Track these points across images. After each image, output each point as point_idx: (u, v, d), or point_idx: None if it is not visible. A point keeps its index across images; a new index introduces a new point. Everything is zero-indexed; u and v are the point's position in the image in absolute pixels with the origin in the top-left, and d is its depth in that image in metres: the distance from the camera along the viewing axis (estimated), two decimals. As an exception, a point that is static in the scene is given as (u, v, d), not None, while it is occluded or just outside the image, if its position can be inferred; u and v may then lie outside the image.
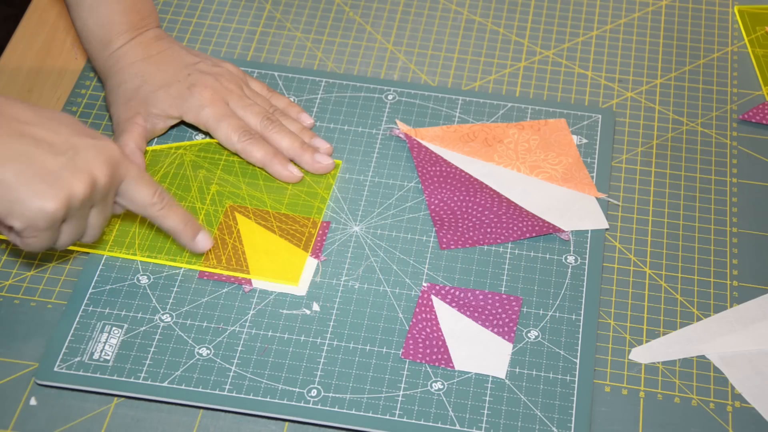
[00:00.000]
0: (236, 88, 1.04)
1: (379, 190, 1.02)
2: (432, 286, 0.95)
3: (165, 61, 1.04)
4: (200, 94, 1.02)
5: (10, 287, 0.95)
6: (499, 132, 1.07)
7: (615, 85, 1.12)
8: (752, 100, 1.11)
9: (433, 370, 0.90)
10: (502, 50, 1.16)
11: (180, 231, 0.93)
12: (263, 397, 0.88)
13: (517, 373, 0.90)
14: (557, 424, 0.87)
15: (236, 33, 1.16)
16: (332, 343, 0.91)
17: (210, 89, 1.02)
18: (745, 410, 0.89)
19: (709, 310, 0.95)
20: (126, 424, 0.87)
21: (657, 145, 1.07)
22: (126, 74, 1.04)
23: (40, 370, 0.89)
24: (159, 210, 0.91)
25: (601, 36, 1.17)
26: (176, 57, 1.05)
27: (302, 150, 1.02)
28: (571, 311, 0.94)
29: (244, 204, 1.00)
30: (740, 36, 1.18)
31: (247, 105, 1.03)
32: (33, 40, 1.15)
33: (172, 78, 1.03)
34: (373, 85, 1.11)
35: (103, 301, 0.93)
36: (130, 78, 1.03)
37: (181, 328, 0.92)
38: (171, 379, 0.89)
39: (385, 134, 1.07)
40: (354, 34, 1.17)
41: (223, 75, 1.04)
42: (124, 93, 1.03)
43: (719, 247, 0.99)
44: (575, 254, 0.98)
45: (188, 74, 1.03)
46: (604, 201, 1.02)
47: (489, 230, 0.99)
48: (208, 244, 0.95)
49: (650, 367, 0.91)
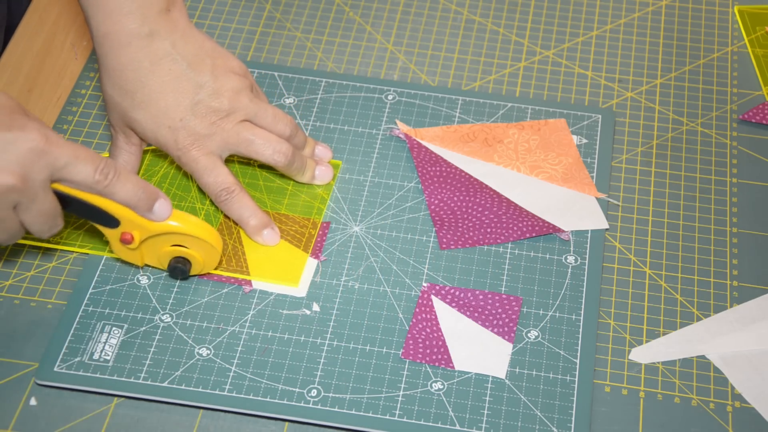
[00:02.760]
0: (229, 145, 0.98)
1: (379, 190, 1.02)
2: (432, 286, 0.95)
3: (170, 81, 0.96)
4: (188, 159, 0.96)
5: (10, 287, 0.95)
6: (499, 132, 1.07)
7: (615, 85, 1.12)
8: (752, 100, 1.11)
9: (433, 370, 0.90)
10: (502, 50, 1.16)
11: (133, 204, 0.88)
12: (263, 397, 0.88)
13: (517, 373, 0.90)
14: (557, 424, 0.87)
15: (236, 33, 1.16)
16: (332, 343, 0.91)
17: (200, 157, 0.96)
18: (745, 410, 0.89)
19: (709, 310, 0.95)
20: (126, 424, 0.87)
21: (657, 145, 1.07)
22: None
23: (40, 370, 0.89)
24: (105, 187, 0.87)
25: (601, 36, 1.17)
26: (181, 82, 0.96)
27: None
28: (571, 311, 0.94)
29: (244, 204, 1.00)
30: (740, 36, 1.18)
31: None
32: (33, 40, 1.15)
33: (164, 115, 0.96)
34: (373, 85, 1.11)
35: (103, 301, 0.93)
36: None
37: (181, 328, 0.92)
38: (171, 379, 0.89)
39: (385, 134, 1.07)
40: (354, 34, 1.17)
41: (216, 134, 0.97)
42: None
43: (719, 247, 0.99)
44: (575, 254, 0.98)
45: (181, 126, 0.96)
46: (604, 201, 1.02)
47: (489, 230, 0.99)
48: (167, 211, 0.90)
49: (650, 367, 0.91)
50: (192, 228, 0.91)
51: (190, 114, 0.96)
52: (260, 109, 0.98)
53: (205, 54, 0.97)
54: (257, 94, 1.01)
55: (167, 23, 0.96)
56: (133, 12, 0.94)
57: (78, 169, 0.86)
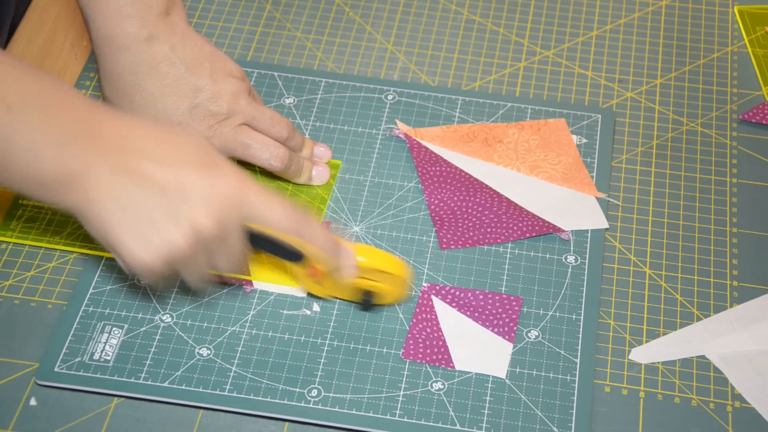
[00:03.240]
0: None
1: (379, 190, 1.02)
2: (432, 286, 0.95)
3: (168, 85, 0.96)
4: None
5: (10, 287, 0.95)
6: (499, 132, 1.07)
7: (615, 85, 1.12)
8: (752, 100, 1.11)
9: (433, 370, 0.90)
10: (502, 50, 1.16)
11: (322, 248, 0.87)
12: (263, 397, 0.88)
13: (518, 372, 0.90)
14: (557, 424, 0.87)
15: (236, 33, 1.16)
16: (332, 343, 0.91)
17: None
18: (745, 410, 0.89)
19: (709, 310, 0.95)
20: (126, 424, 0.87)
21: (657, 145, 1.07)
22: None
23: (40, 370, 0.89)
24: (294, 231, 0.85)
25: (601, 36, 1.17)
26: (180, 86, 0.96)
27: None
28: (571, 311, 0.94)
29: (244, 204, 1.00)
30: (740, 36, 1.18)
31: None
32: (33, 40, 1.15)
33: (162, 119, 0.96)
34: (373, 85, 1.11)
35: (103, 301, 0.93)
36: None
37: (182, 328, 0.92)
38: (171, 379, 0.89)
39: (385, 134, 1.07)
40: (354, 34, 1.17)
41: (214, 138, 0.97)
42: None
43: (719, 247, 0.99)
44: (575, 254, 0.98)
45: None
46: (604, 201, 1.02)
47: (489, 230, 0.99)
48: (352, 255, 0.89)
49: (650, 367, 0.91)
50: (379, 262, 0.90)
51: (188, 118, 0.96)
52: (258, 112, 0.98)
53: (203, 57, 0.97)
54: (254, 97, 1.01)
55: (166, 27, 0.96)
56: (132, 15, 0.94)
57: (268, 214, 0.84)
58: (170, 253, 0.80)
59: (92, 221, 0.80)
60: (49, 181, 0.79)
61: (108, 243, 0.81)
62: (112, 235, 0.80)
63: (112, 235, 0.80)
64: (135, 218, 0.79)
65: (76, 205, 0.80)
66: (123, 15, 0.94)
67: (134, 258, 0.80)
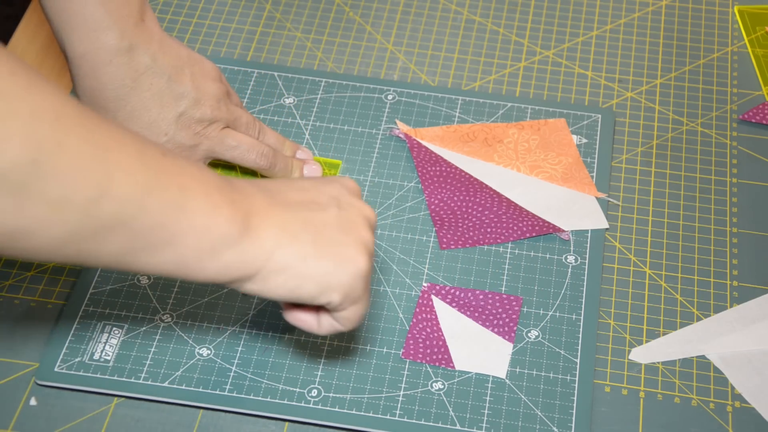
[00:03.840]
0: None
1: (379, 190, 1.02)
2: (432, 286, 0.95)
3: (152, 96, 0.96)
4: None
5: (10, 287, 0.95)
6: (499, 132, 1.07)
7: (615, 85, 1.12)
8: (752, 100, 1.11)
9: (433, 370, 0.90)
10: (502, 50, 1.16)
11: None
12: (263, 397, 0.88)
13: (518, 372, 0.90)
14: (557, 424, 0.87)
15: (236, 33, 1.16)
16: (332, 343, 0.91)
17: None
18: (745, 410, 0.89)
19: (709, 310, 0.95)
20: (126, 424, 0.87)
21: (657, 145, 1.07)
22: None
23: (40, 370, 0.89)
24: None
25: (601, 36, 1.17)
26: (164, 96, 0.96)
27: None
28: (571, 311, 0.94)
29: (244, 204, 1.00)
30: (740, 36, 1.18)
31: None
32: (33, 40, 1.15)
33: (149, 130, 0.95)
34: (373, 85, 1.11)
35: (103, 301, 0.93)
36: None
37: (182, 328, 0.92)
38: (171, 379, 0.89)
39: (385, 134, 1.07)
40: (354, 34, 1.17)
41: (201, 144, 0.97)
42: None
43: (719, 247, 0.99)
44: (575, 254, 0.98)
45: (167, 141, 0.95)
46: (604, 201, 1.02)
47: (489, 230, 0.99)
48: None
49: (650, 367, 0.91)
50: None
51: (174, 127, 0.96)
52: (238, 114, 1.00)
53: (183, 63, 0.97)
54: (231, 96, 1.02)
55: (144, 34, 0.94)
56: (111, 27, 0.92)
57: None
58: (370, 251, 0.80)
59: (292, 273, 0.78)
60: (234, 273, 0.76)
61: (317, 280, 0.78)
62: (318, 269, 0.78)
63: (318, 269, 0.78)
64: (330, 248, 0.78)
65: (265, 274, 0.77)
66: (101, 27, 0.92)
67: (351, 271, 0.78)
